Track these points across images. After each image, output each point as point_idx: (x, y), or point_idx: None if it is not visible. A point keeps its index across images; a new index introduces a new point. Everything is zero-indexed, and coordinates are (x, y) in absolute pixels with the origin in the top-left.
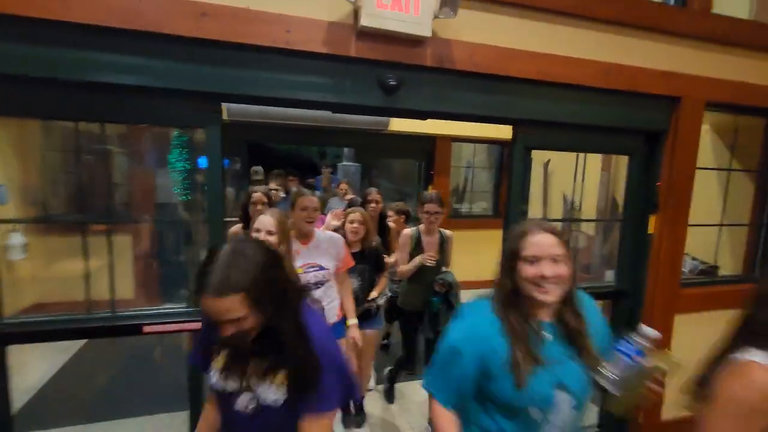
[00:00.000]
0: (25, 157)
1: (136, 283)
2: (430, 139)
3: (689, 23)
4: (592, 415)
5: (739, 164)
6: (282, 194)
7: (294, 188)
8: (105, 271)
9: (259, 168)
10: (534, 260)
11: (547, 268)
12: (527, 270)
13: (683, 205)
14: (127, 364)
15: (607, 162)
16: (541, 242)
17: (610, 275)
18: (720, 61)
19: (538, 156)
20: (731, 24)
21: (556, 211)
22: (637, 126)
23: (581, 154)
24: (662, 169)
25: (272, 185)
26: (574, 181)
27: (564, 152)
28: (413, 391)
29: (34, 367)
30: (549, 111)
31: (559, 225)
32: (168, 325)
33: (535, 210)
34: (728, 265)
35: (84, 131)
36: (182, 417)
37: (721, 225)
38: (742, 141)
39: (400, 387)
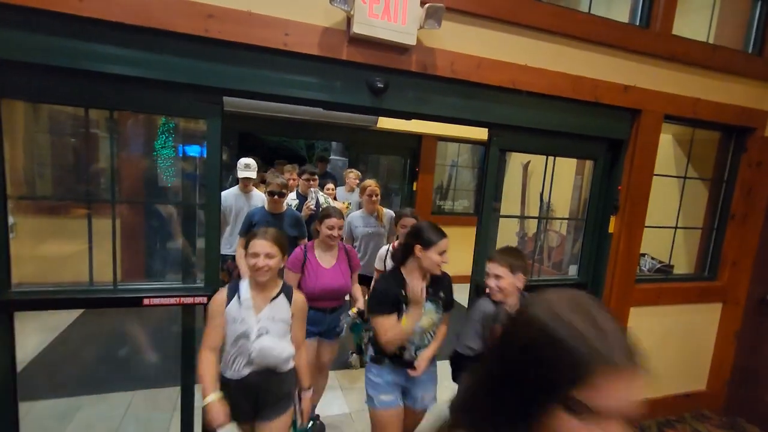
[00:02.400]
0: (16, 141)
1: (123, 265)
2: (417, 138)
3: (651, 43)
4: None
5: (698, 173)
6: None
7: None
8: (88, 253)
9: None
10: None
11: None
12: None
13: (641, 208)
14: (114, 342)
15: (580, 166)
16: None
17: (573, 269)
18: (679, 78)
19: (519, 157)
20: (690, 45)
21: (534, 210)
22: (601, 134)
23: (556, 158)
24: (623, 175)
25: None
26: (549, 182)
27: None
28: None
29: (21, 343)
30: (521, 117)
31: (535, 223)
32: (166, 298)
33: (514, 208)
34: (683, 265)
35: (76, 115)
36: (167, 392)
37: (676, 227)
38: (701, 151)
39: None
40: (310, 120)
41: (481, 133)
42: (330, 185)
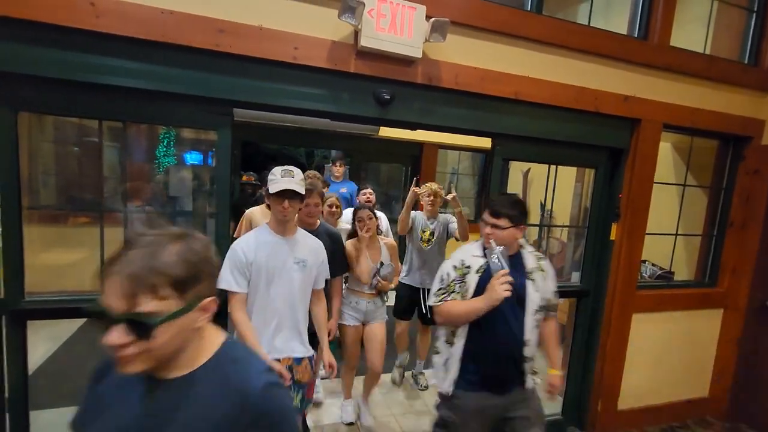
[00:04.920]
0: (21, 150)
1: None
2: (418, 146)
3: (650, 54)
4: (555, 403)
5: (697, 181)
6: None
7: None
8: (91, 261)
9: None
10: None
11: None
12: None
13: (641, 215)
14: None
15: (580, 174)
16: None
17: (576, 276)
18: (677, 88)
19: (519, 165)
20: (687, 56)
21: (534, 217)
22: (602, 143)
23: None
24: (624, 183)
25: None
26: (551, 190)
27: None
28: None
29: (28, 352)
30: (524, 127)
31: (535, 230)
32: None
33: None
34: (684, 272)
35: (81, 125)
36: None
37: (676, 234)
38: (700, 160)
39: None
40: (312, 128)
41: (481, 141)
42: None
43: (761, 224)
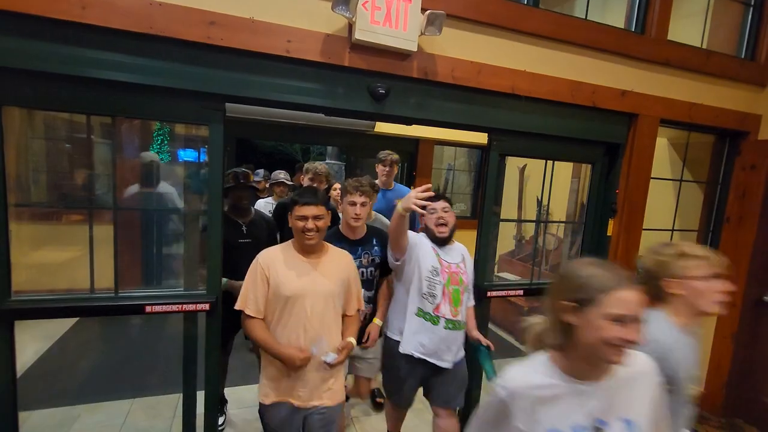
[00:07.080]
0: (9, 146)
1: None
2: (414, 142)
3: (647, 49)
4: None
5: (693, 176)
6: None
7: None
8: (82, 260)
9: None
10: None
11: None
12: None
13: (638, 211)
14: (111, 349)
15: (577, 169)
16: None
17: None
18: (674, 83)
19: (515, 161)
20: (685, 51)
21: (531, 212)
22: (599, 138)
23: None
24: (620, 178)
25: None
26: (547, 186)
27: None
28: None
29: (18, 351)
30: (520, 122)
31: (531, 226)
32: (168, 305)
33: (511, 212)
34: None
35: (72, 121)
36: (167, 400)
37: (672, 230)
38: (697, 155)
39: None
40: (307, 125)
41: (477, 137)
42: None
43: (757, 220)
